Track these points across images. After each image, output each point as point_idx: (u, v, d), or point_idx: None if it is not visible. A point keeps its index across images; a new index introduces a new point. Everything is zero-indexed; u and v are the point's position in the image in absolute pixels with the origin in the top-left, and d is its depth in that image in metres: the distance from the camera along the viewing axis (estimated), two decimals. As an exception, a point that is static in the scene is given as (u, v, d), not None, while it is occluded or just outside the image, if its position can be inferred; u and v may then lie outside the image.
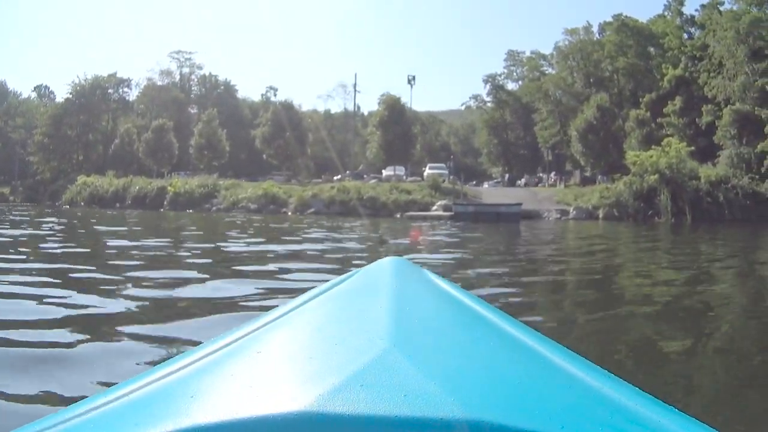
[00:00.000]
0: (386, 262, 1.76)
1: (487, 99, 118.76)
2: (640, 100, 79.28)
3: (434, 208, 56.72)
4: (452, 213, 50.82)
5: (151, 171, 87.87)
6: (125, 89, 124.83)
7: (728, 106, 68.46)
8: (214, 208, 65.05)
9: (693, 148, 58.34)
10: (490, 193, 66.11)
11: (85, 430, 0.95)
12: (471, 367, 1.05)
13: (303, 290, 1.59)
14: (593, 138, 70.33)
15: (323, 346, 1.11)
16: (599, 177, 70.15)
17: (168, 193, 71.02)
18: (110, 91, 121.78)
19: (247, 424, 0.86)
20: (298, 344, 1.16)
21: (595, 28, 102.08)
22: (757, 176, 55.18)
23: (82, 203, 79.30)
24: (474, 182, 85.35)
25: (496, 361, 1.11)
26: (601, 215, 52.16)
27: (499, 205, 51.27)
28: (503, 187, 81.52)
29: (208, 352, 1.16)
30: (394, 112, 79.46)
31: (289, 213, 58.85)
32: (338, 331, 1.19)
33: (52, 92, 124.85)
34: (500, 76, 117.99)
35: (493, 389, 0.96)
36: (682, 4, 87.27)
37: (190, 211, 63.07)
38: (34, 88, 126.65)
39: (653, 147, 56.16)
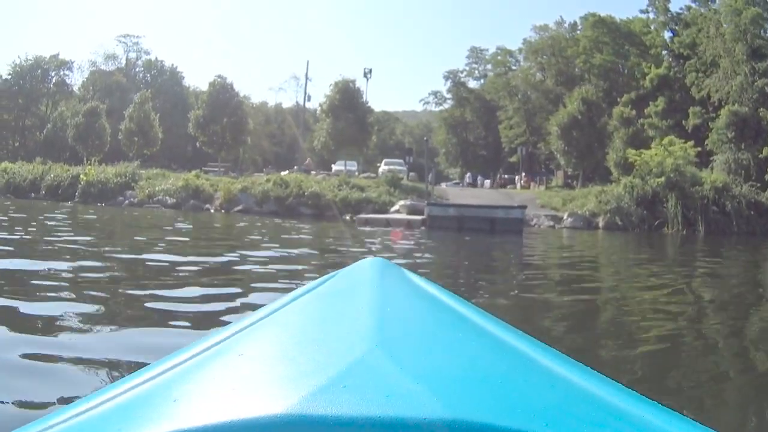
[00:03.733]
0: (367, 263, 1.68)
1: (447, 96, 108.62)
2: (619, 100, 70.86)
3: (394, 209, 42.28)
4: (423, 217, 35.01)
5: (83, 159, 73.94)
6: (66, 72, 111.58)
7: (725, 107, 59.51)
8: (126, 201, 52.51)
9: (700, 149, 49.89)
10: (457, 195, 51.62)
11: None
12: (454, 366, 1.04)
13: (285, 292, 1.55)
14: (577, 134, 59.71)
15: (305, 347, 1.09)
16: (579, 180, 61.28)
17: (80, 182, 57.54)
18: (51, 73, 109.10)
19: (230, 427, 0.84)
20: (280, 346, 1.14)
21: (567, 25, 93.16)
22: (758, 184, 45.89)
23: None
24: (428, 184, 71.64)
25: (479, 360, 1.10)
26: (601, 224, 40.93)
27: (495, 208, 35.65)
28: (468, 188, 69.84)
29: (191, 354, 1.14)
30: (346, 96, 64.79)
31: (212, 210, 46.95)
32: (320, 332, 1.18)
33: (3, 78, 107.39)
34: (462, 73, 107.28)
35: (476, 388, 0.95)
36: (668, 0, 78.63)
37: (101, 204, 51.13)
38: None
39: (642, 149, 47.83)
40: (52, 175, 62.43)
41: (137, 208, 46.85)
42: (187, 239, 20.80)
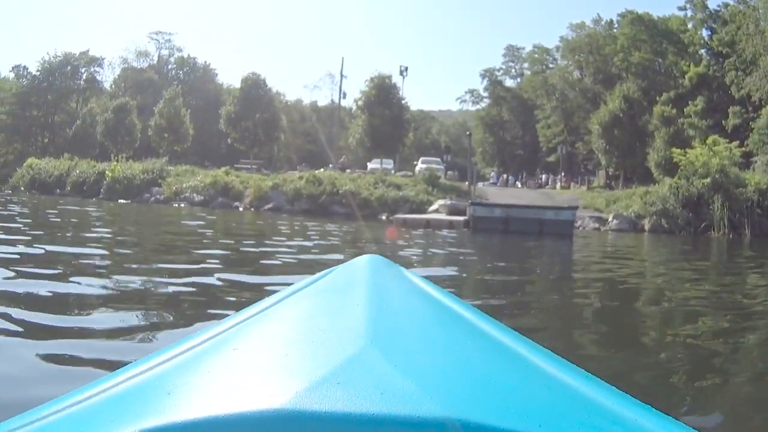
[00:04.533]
0: (363, 260, 1.69)
1: (484, 95, 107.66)
2: (657, 99, 67.88)
3: (432, 208, 40.09)
4: (465, 218, 32.51)
5: (115, 155, 72.00)
6: (97, 68, 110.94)
7: (766, 106, 58.77)
8: (152, 198, 51.62)
9: (744, 149, 48.89)
10: (497, 194, 49.01)
11: (61, 428, 0.93)
12: (448, 365, 1.03)
13: (279, 287, 1.54)
14: (619, 133, 58.01)
15: (300, 343, 1.09)
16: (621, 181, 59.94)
17: (106, 178, 57.02)
18: (82, 70, 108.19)
19: (223, 421, 0.83)
20: (274, 341, 1.14)
21: (604, 23, 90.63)
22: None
23: (22, 188, 67.88)
24: (466, 183, 69.68)
25: (473, 359, 1.11)
26: (647, 226, 39.01)
27: (544, 209, 33.11)
28: (508, 188, 66.73)
29: (186, 348, 1.14)
30: (382, 92, 62.71)
31: (241, 208, 45.52)
32: (315, 328, 1.16)
33: (30, 72, 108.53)
34: (498, 71, 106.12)
35: (470, 388, 0.95)
36: (707, -4, 77.40)
37: (123, 201, 50.42)
38: (12, 68, 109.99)
39: (686, 149, 45.50)
40: (77, 171, 62.20)
41: (163, 206, 45.87)
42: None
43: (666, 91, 70.24)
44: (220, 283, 8.97)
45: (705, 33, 76.09)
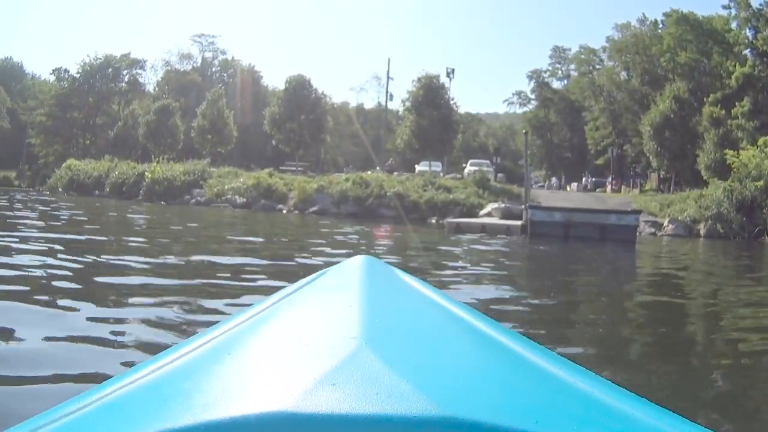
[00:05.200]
0: (357, 261, 1.71)
1: (531, 96, 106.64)
2: (705, 100, 66.58)
3: (484, 212, 38.51)
4: (522, 223, 30.46)
5: (156, 157, 72.00)
6: (139, 71, 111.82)
7: None
8: (192, 200, 50.99)
9: None
10: (548, 198, 47.25)
11: None
12: (444, 364, 1.04)
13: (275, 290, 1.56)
14: (670, 134, 57.38)
15: (295, 345, 1.10)
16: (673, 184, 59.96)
17: (145, 180, 56.43)
18: (124, 72, 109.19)
19: (220, 425, 0.84)
20: (269, 344, 1.15)
21: (649, 23, 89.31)
22: None
23: (60, 189, 67.98)
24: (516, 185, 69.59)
25: (468, 358, 1.13)
26: (702, 231, 38.01)
27: (607, 213, 31.08)
28: (559, 191, 66.54)
29: (181, 354, 1.14)
30: (430, 92, 61.54)
31: (285, 211, 44.58)
32: (310, 330, 1.19)
33: (70, 75, 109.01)
34: (545, 73, 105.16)
35: (466, 386, 0.95)
36: (751, -6, 77.39)
37: (164, 203, 50.00)
38: (53, 70, 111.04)
39: (738, 151, 45.72)
40: (116, 173, 61.89)
41: (204, 208, 45.30)
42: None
43: (713, 92, 69.10)
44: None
45: (749, 32, 73.91)
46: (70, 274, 9.24)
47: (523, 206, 32.62)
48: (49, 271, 9.42)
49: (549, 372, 1.03)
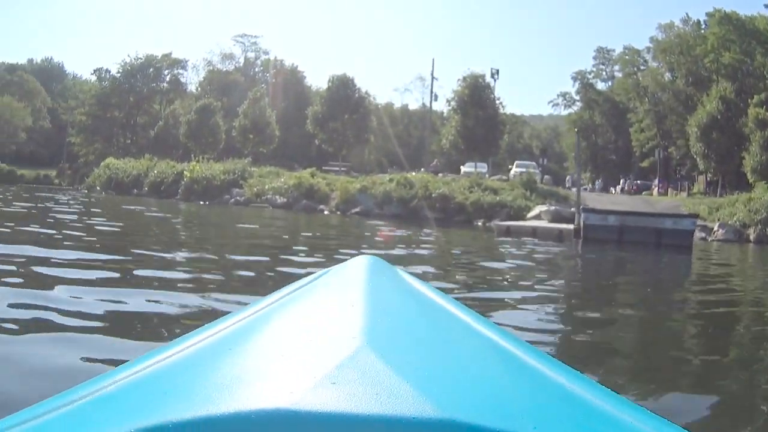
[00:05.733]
0: (360, 261, 1.71)
1: (576, 97, 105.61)
2: (749, 101, 63.70)
3: (532, 214, 37.63)
4: (574, 226, 29.42)
5: (196, 156, 71.96)
6: (180, 71, 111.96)
7: None
8: (232, 199, 50.56)
9: None
10: (596, 200, 45.90)
11: (54, 427, 0.93)
12: (444, 366, 1.05)
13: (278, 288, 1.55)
14: (717, 136, 56.83)
15: (296, 343, 1.11)
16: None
17: (184, 179, 56.19)
18: (165, 72, 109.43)
19: (218, 421, 0.84)
20: (270, 342, 1.16)
21: (692, 23, 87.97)
22: None
23: (98, 188, 67.89)
24: (564, 187, 69.72)
25: (468, 360, 1.13)
26: (752, 236, 36.98)
27: (663, 217, 29.74)
28: (603, 194, 64.94)
29: (181, 348, 1.15)
30: (476, 92, 60.70)
31: (326, 212, 44.09)
32: (311, 328, 1.20)
33: (111, 75, 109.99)
34: (589, 74, 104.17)
35: (465, 388, 0.96)
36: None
37: (202, 202, 49.65)
38: (94, 70, 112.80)
39: None
40: (155, 172, 61.74)
41: (243, 208, 45.05)
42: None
43: (756, 93, 66.18)
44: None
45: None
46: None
47: (574, 209, 31.51)
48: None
49: (549, 377, 1.04)
